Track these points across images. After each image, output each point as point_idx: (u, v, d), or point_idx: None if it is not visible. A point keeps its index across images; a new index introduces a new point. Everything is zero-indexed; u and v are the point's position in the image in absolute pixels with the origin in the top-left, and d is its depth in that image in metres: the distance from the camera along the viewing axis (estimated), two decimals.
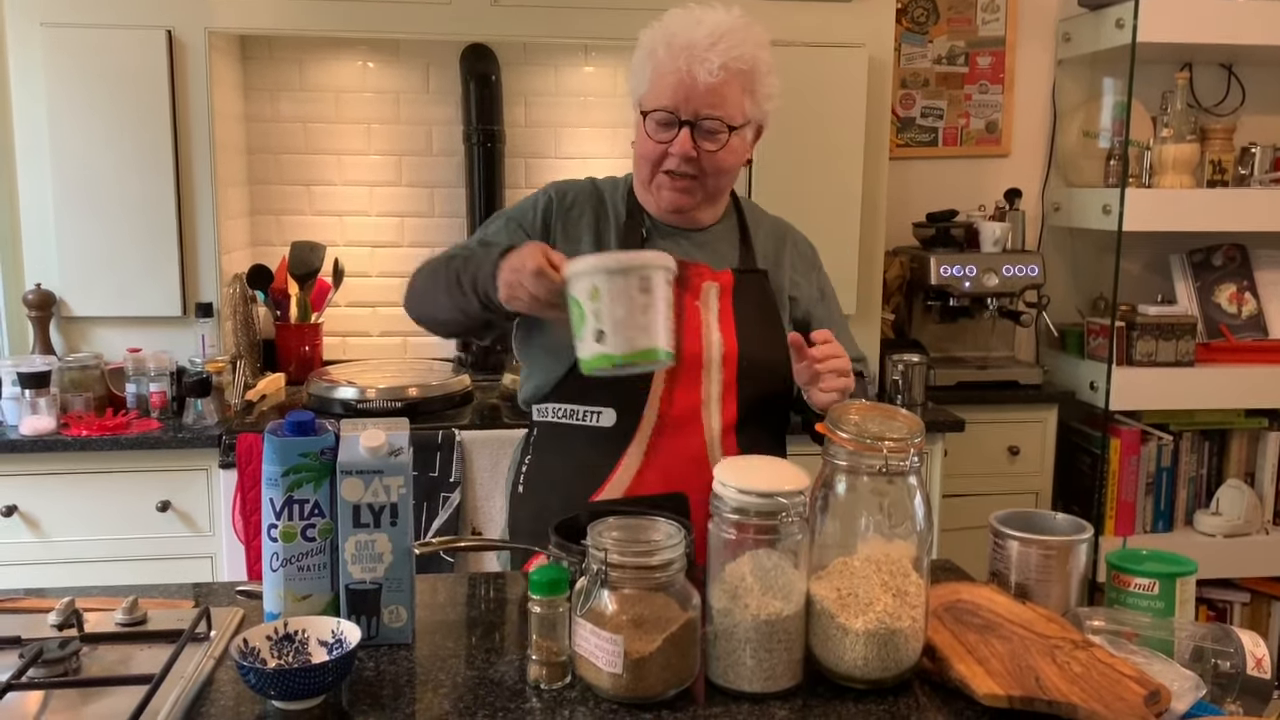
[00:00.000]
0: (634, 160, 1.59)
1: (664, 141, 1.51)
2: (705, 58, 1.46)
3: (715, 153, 1.51)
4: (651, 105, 1.51)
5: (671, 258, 1.26)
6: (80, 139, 2.56)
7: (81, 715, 1.05)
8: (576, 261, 1.24)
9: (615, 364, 1.21)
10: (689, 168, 1.51)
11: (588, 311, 1.21)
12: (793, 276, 1.67)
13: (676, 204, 1.55)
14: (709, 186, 1.55)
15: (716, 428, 1.53)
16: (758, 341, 1.57)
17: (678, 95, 1.48)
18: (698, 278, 1.56)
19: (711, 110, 1.49)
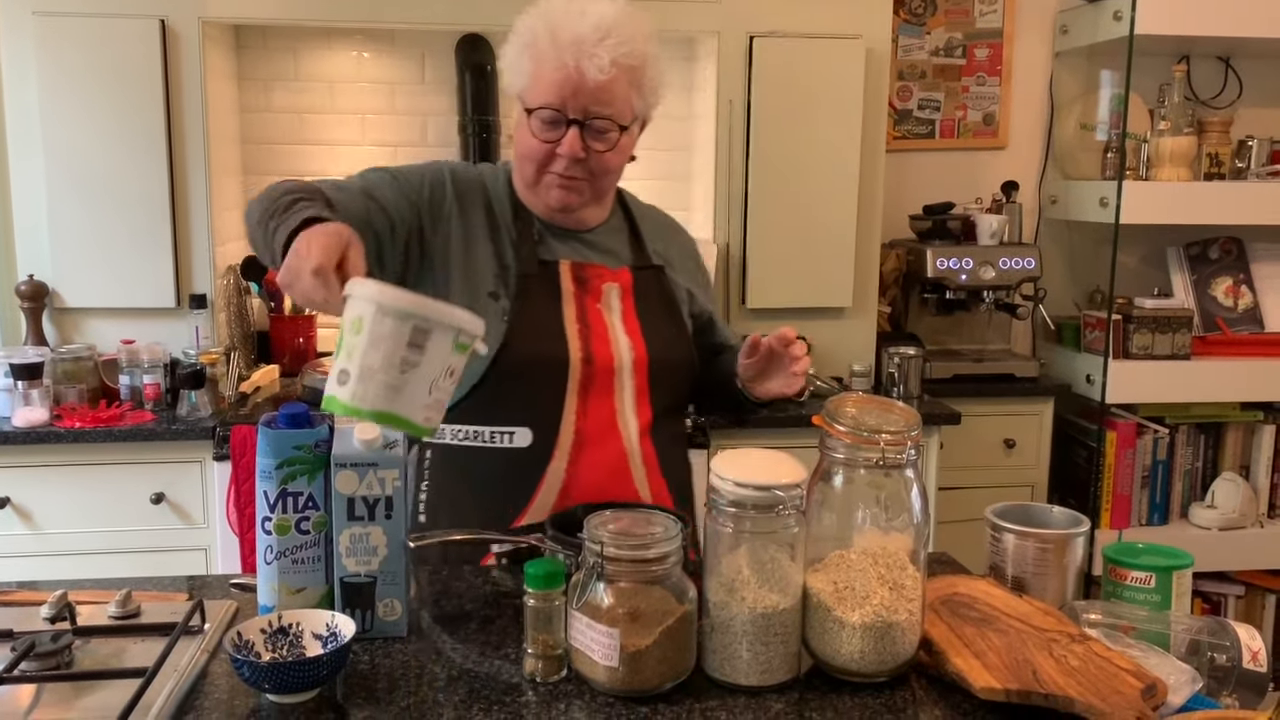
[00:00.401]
0: (515, 159, 1.52)
1: (550, 141, 1.44)
2: (594, 53, 1.38)
3: (604, 153, 1.45)
4: (536, 103, 1.43)
5: (480, 324, 1.09)
6: (73, 129, 2.55)
7: (74, 708, 1.05)
8: (360, 282, 1.06)
9: (345, 413, 1.04)
10: (577, 169, 1.45)
11: (344, 344, 1.04)
12: (684, 268, 1.65)
13: (565, 203, 1.49)
14: (597, 187, 1.50)
15: (634, 434, 1.48)
16: (664, 342, 1.53)
17: (564, 93, 1.41)
18: (597, 279, 1.52)
19: (601, 109, 1.42)
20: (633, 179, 3.34)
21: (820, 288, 2.86)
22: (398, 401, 1.03)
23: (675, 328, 1.57)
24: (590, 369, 1.46)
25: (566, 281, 1.50)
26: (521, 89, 1.46)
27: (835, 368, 2.86)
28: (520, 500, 1.42)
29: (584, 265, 1.52)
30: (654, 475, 1.50)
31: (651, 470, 1.50)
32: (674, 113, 3.07)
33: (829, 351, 2.89)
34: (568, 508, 1.36)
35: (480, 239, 1.50)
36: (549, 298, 1.48)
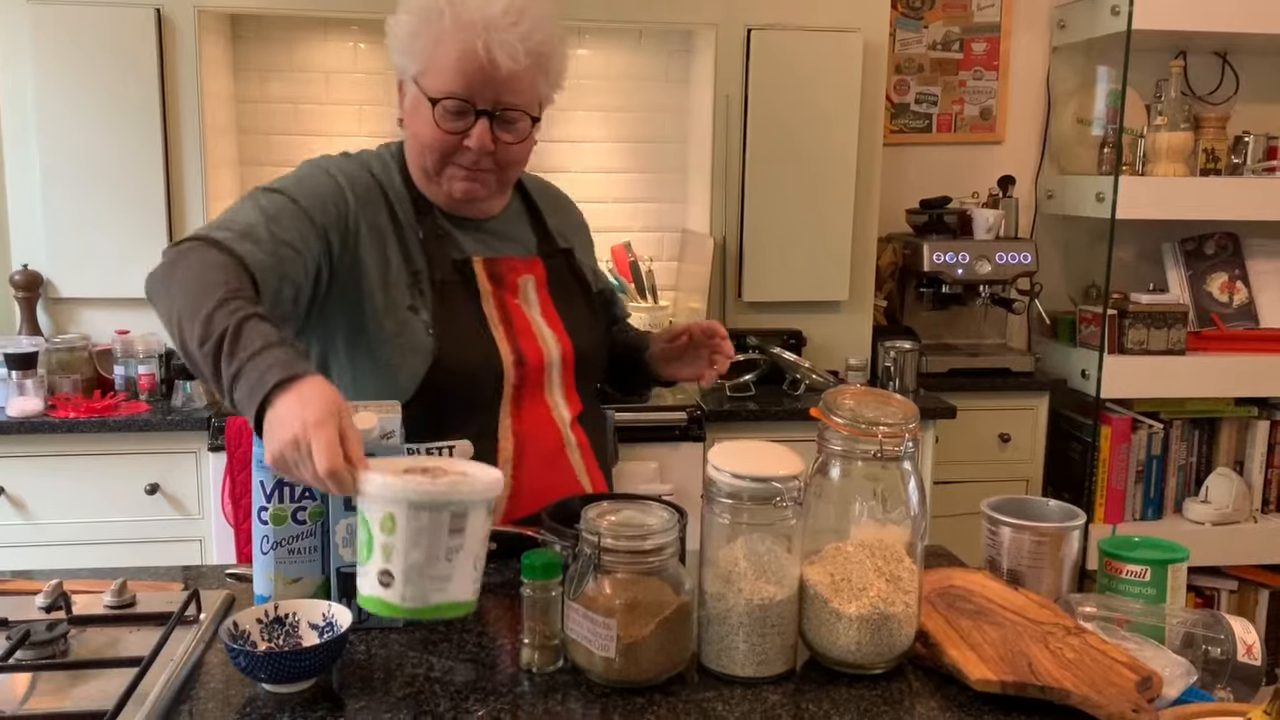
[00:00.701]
0: (412, 147, 1.42)
1: (456, 132, 1.35)
2: (507, 41, 1.30)
3: (514, 144, 1.38)
4: (441, 91, 1.33)
5: (499, 476, 1.02)
6: (68, 119, 2.54)
7: (69, 697, 1.04)
8: (375, 477, 0.97)
9: (396, 615, 0.98)
10: (485, 161, 1.38)
11: (376, 543, 0.96)
12: (583, 246, 1.61)
13: (471, 194, 1.41)
14: (503, 178, 1.43)
15: (567, 426, 1.47)
16: (586, 331, 1.51)
17: (474, 82, 1.32)
18: (512, 273, 1.47)
19: (512, 99, 1.34)
20: (629, 173, 3.35)
21: (817, 281, 2.86)
22: (449, 589, 0.98)
23: (591, 314, 1.55)
24: (523, 371, 1.42)
25: (483, 280, 1.44)
26: (417, 72, 1.36)
27: (831, 361, 2.86)
28: None
29: (496, 260, 1.46)
30: (590, 463, 1.50)
31: (587, 457, 1.49)
32: (670, 105, 3.07)
33: (825, 345, 2.89)
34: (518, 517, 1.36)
35: (390, 248, 1.40)
36: (469, 301, 1.42)
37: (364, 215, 1.39)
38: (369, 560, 0.98)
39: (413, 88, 1.38)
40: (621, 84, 3.05)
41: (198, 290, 1.16)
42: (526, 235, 1.53)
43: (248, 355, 1.09)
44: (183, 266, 1.20)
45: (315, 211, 1.34)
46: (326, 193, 1.37)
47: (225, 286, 1.16)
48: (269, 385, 1.06)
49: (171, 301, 1.18)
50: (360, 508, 0.99)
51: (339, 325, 1.39)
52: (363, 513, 0.99)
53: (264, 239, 1.27)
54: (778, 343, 2.78)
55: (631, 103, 3.06)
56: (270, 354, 1.09)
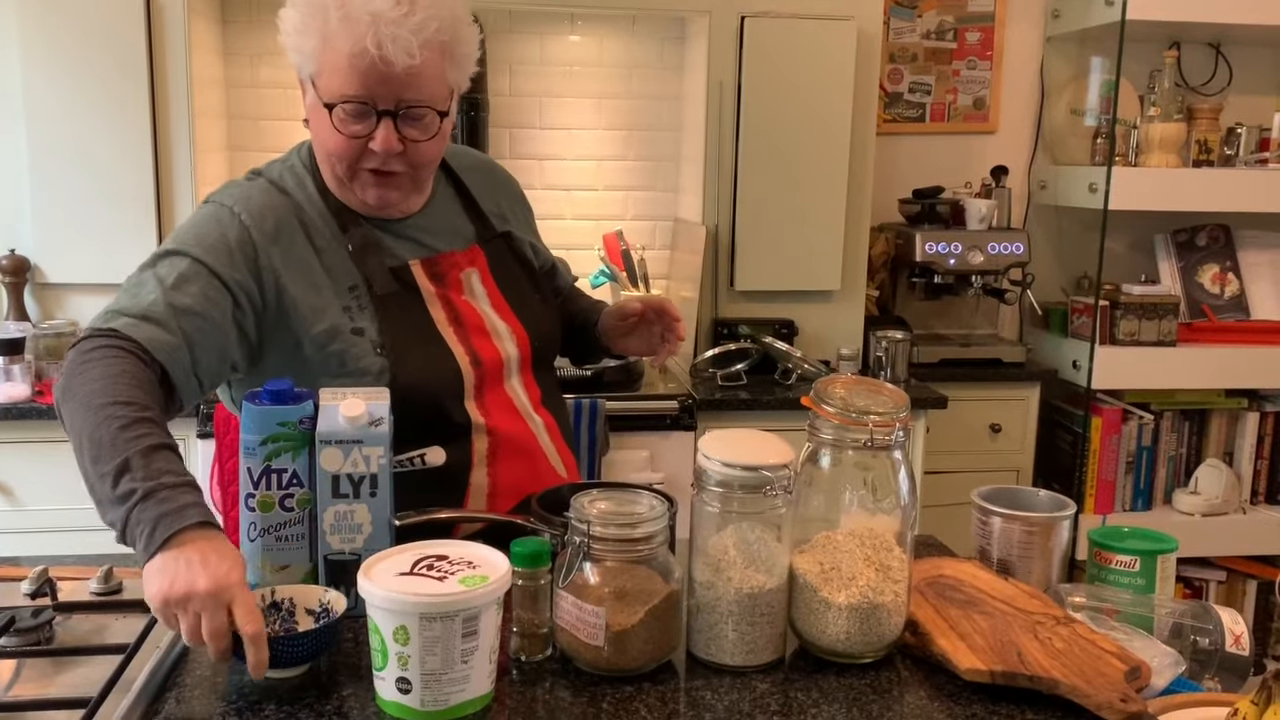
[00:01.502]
0: (319, 153, 1.34)
1: (359, 136, 1.26)
2: (399, 35, 1.20)
3: (425, 143, 1.29)
4: (336, 94, 1.24)
5: (508, 567, 1.02)
6: (55, 103, 2.51)
7: (55, 684, 1.04)
8: (376, 585, 0.98)
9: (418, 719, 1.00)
10: (395, 164, 1.29)
11: (391, 652, 0.98)
12: (518, 218, 1.55)
13: (384, 201, 1.33)
14: (418, 179, 1.35)
15: (531, 412, 1.45)
16: (535, 312, 1.47)
17: (370, 81, 1.23)
18: (453, 269, 1.41)
19: (416, 95, 1.25)
20: (622, 160, 3.33)
21: (809, 270, 2.85)
22: (469, 687, 1.00)
23: (539, 295, 1.51)
24: (481, 370, 1.38)
25: (424, 283, 1.38)
26: (313, 73, 1.27)
27: (823, 351, 2.86)
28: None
29: (435, 259, 1.39)
30: (559, 443, 1.49)
31: (555, 439, 1.48)
32: (664, 93, 3.06)
33: (817, 335, 2.89)
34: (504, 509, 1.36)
35: (316, 275, 1.32)
36: (414, 309, 1.36)
37: (276, 251, 1.30)
38: (385, 668, 0.99)
39: (311, 89, 1.30)
40: (614, 71, 3.04)
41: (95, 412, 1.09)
42: (461, 224, 1.46)
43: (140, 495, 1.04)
44: (81, 380, 1.13)
45: (220, 267, 1.26)
46: (231, 239, 1.28)
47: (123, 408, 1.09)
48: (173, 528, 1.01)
49: (72, 418, 1.12)
50: (371, 616, 1.00)
51: (286, 366, 1.31)
52: (373, 621, 1.00)
53: (165, 318, 1.20)
54: (769, 332, 2.78)
55: (624, 90, 3.05)
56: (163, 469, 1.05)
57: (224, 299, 1.26)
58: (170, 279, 1.23)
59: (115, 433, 1.07)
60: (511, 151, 3.02)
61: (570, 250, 3.02)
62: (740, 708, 1.03)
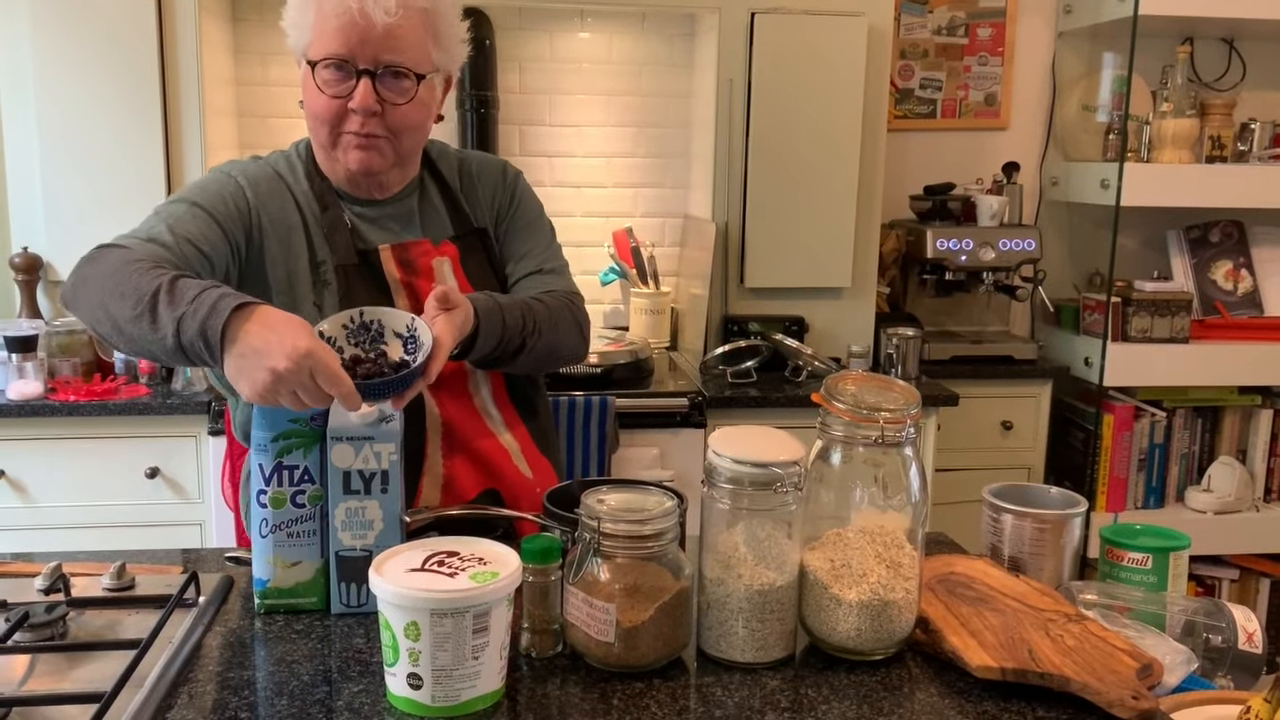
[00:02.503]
0: (310, 126, 1.39)
1: (341, 96, 1.32)
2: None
3: (403, 105, 1.34)
4: (320, 53, 1.31)
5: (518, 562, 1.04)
6: (68, 102, 2.52)
7: (68, 679, 1.04)
8: (387, 581, 0.99)
9: (430, 715, 1.00)
10: (374, 125, 1.34)
11: (402, 648, 0.99)
12: (487, 205, 1.54)
13: (366, 165, 1.36)
14: (399, 147, 1.38)
15: (494, 409, 1.45)
16: None
17: (350, 40, 1.30)
18: (423, 257, 1.43)
19: (393, 57, 1.31)
20: (632, 157, 3.33)
21: (819, 268, 2.85)
22: (479, 684, 1.00)
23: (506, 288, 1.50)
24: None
25: (391, 269, 1.41)
26: (306, 44, 1.35)
27: (833, 348, 2.85)
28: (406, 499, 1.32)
29: (405, 246, 1.42)
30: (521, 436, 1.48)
31: (517, 430, 1.47)
32: (674, 90, 3.05)
33: (827, 332, 2.88)
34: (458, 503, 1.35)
35: (295, 239, 1.40)
36: (376, 292, 1.39)
37: (266, 210, 1.38)
38: (396, 663, 1.00)
39: (304, 63, 1.37)
40: (624, 68, 3.04)
41: (117, 278, 1.17)
42: (439, 218, 1.49)
43: (190, 299, 1.11)
44: (93, 268, 1.21)
45: (217, 213, 1.34)
46: (226, 193, 1.37)
47: (144, 264, 1.18)
48: (227, 310, 1.08)
49: (91, 295, 1.19)
50: (382, 611, 1.00)
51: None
52: (384, 617, 1.00)
53: (168, 241, 1.28)
54: (779, 329, 2.77)
55: (634, 87, 3.05)
56: (214, 291, 1.11)
57: (220, 242, 1.34)
58: (173, 217, 1.32)
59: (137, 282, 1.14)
60: (521, 149, 3.02)
61: (580, 247, 3.02)
62: (751, 704, 1.03)
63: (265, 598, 1.20)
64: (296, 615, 1.20)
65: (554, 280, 1.51)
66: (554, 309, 1.43)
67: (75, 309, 1.24)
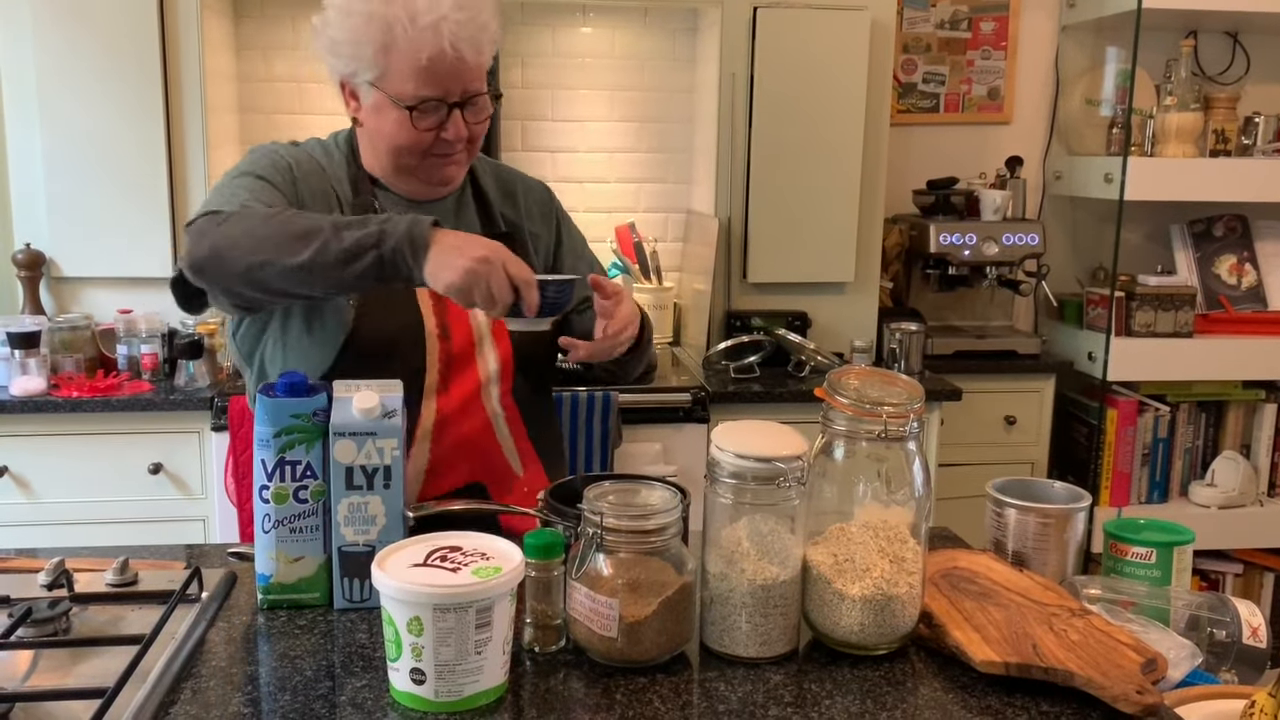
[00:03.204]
0: (379, 147, 1.43)
1: (432, 129, 1.38)
2: (469, 35, 1.33)
3: (482, 122, 1.43)
4: (414, 97, 1.35)
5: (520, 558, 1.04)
6: (70, 98, 2.52)
7: (71, 675, 1.04)
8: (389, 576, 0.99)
9: (433, 711, 1.00)
10: (459, 144, 1.42)
11: (405, 643, 0.99)
12: (531, 229, 1.59)
13: (451, 178, 1.46)
14: (474, 150, 1.48)
15: (497, 404, 1.47)
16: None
17: (444, 80, 1.35)
18: None
19: (479, 85, 1.39)
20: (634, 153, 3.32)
21: (822, 263, 2.84)
22: (482, 679, 1.00)
23: None
24: (448, 345, 1.43)
25: None
26: (375, 78, 1.37)
27: (836, 343, 2.85)
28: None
29: None
30: (519, 435, 1.49)
31: (516, 429, 1.49)
32: (676, 85, 3.05)
33: (830, 327, 2.88)
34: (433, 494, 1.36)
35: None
36: None
37: (308, 184, 1.43)
38: (399, 659, 1.00)
39: (372, 92, 1.39)
40: (627, 63, 3.03)
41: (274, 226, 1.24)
42: (470, 221, 1.53)
43: (380, 220, 1.22)
44: (233, 227, 1.25)
45: (278, 184, 1.39)
46: (280, 165, 1.42)
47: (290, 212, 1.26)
48: (428, 221, 1.20)
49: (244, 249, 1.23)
50: (385, 607, 1.00)
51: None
52: (387, 612, 1.00)
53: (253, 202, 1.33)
54: (782, 324, 2.77)
55: (637, 82, 3.04)
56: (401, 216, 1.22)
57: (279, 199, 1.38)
58: (247, 191, 1.35)
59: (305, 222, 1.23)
60: (524, 144, 3.02)
61: None
62: (754, 699, 1.03)
63: (268, 593, 1.20)
64: (299, 611, 1.20)
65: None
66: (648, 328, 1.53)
67: (219, 272, 1.26)
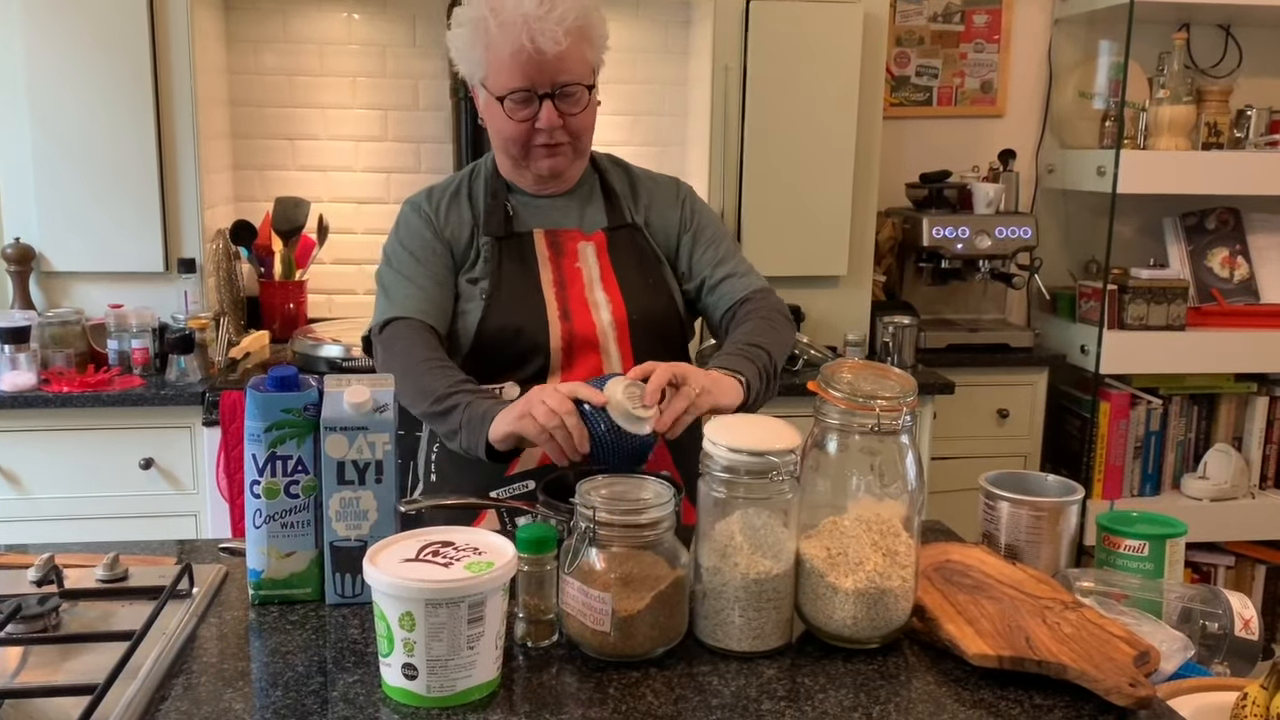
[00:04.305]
0: (496, 143, 1.56)
1: (527, 119, 1.48)
2: (545, 29, 1.42)
3: (579, 114, 1.51)
4: (504, 88, 1.47)
5: (513, 553, 1.04)
6: (59, 91, 2.51)
7: (61, 671, 1.04)
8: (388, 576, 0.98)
9: (425, 706, 0.99)
10: (560, 135, 1.50)
11: (397, 639, 0.99)
12: (655, 213, 1.64)
13: (555, 169, 1.54)
14: (580, 147, 1.56)
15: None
16: (641, 294, 1.56)
17: (530, 72, 1.45)
18: (571, 242, 1.57)
19: (567, 77, 1.47)
20: (628, 146, 3.31)
21: (815, 256, 2.84)
22: (475, 673, 1.00)
23: (655, 277, 1.59)
24: (569, 326, 1.50)
25: (541, 247, 1.56)
26: (482, 77, 1.50)
27: (830, 337, 2.85)
28: (508, 457, 1.40)
29: (557, 231, 1.57)
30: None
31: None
32: (669, 78, 3.04)
33: (823, 320, 2.88)
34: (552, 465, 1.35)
35: (462, 240, 1.57)
36: (525, 267, 1.54)
37: (449, 224, 1.57)
38: (391, 654, 1.00)
39: (482, 91, 1.52)
40: (620, 56, 3.02)
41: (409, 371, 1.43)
42: (596, 213, 1.61)
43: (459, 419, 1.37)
44: (391, 352, 1.48)
45: (419, 248, 1.55)
46: (419, 227, 1.57)
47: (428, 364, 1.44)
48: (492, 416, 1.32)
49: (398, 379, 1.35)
50: (377, 602, 1.00)
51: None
52: (379, 607, 1.00)
53: (413, 294, 1.52)
54: None
55: (630, 75, 3.03)
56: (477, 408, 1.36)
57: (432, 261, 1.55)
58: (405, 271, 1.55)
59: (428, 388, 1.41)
60: None
61: None
62: (747, 693, 1.03)
63: (259, 589, 1.19)
64: (291, 606, 1.20)
65: (748, 281, 1.63)
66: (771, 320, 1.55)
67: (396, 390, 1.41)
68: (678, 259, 1.63)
